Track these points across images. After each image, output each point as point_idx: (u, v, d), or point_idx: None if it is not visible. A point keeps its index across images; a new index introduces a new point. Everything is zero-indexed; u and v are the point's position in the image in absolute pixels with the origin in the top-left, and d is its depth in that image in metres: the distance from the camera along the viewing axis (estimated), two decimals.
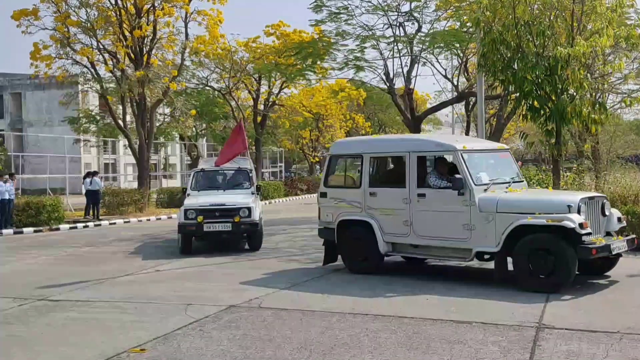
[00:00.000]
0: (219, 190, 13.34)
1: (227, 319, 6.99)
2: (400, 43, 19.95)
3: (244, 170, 13.86)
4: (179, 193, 25.60)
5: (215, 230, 12.18)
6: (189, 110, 28.32)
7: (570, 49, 10.96)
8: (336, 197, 9.89)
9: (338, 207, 9.81)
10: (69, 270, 10.97)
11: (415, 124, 20.70)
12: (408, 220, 8.98)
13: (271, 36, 29.61)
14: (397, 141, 10.43)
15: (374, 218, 9.35)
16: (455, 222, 8.53)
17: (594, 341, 5.75)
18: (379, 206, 9.32)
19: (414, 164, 9.06)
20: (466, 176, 8.52)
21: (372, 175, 9.62)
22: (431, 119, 51.11)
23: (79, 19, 22.33)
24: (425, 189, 8.93)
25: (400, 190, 9.13)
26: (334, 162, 10.36)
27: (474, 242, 8.39)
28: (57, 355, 5.91)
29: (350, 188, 10.01)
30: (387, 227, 9.23)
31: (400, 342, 5.91)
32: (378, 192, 9.40)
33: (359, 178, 9.78)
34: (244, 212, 12.22)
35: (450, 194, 8.61)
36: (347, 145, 11.07)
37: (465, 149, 8.89)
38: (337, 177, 10.57)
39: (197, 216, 12.10)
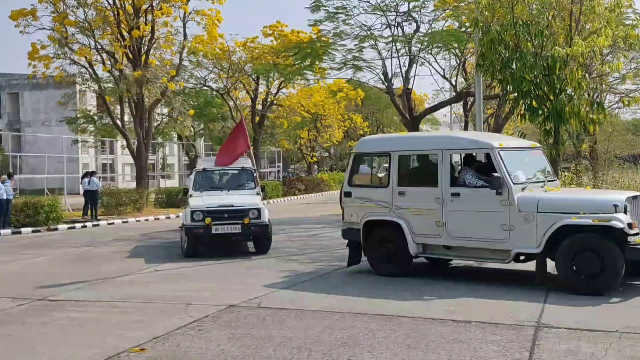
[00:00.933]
0: (223, 190, 12.91)
1: (226, 319, 6.99)
2: (398, 43, 19.99)
3: (248, 170, 13.41)
4: (177, 193, 25.62)
5: (225, 232, 11.70)
6: (187, 110, 28.29)
7: (568, 49, 11.00)
8: (362, 197, 9.57)
9: (364, 207, 9.50)
10: (67, 270, 10.97)
11: (413, 123, 20.73)
12: (440, 221, 8.69)
13: (269, 36, 29.63)
14: (428, 138, 10.08)
15: (403, 218, 9.04)
16: (492, 223, 8.25)
17: (593, 340, 5.77)
18: (409, 206, 9.01)
19: (447, 162, 8.76)
20: (504, 175, 8.21)
21: (401, 174, 9.29)
22: (429, 119, 51.14)
23: (77, 19, 22.30)
24: (460, 188, 8.63)
25: (432, 189, 8.83)
26: (358, 161, 10.03)
27: (512, 243, 8.11)
28: (56, 355, 5.91)
29: (377, 187, 9.66)
30: (417, 227, 8.94)
31: (399, 341, 5.92)
32: (407, 192, 9.09)
33: (386, 177, 9.51)
34: (253, 213, 11.78)
35: (487, 194, 8.31)
36: (373, 143, 10.66)
37: (502, 146, 8.59)
38: (362, 175, 10.25)
39: (204, 218, 11.60)
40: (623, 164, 21.58)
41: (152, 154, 36.94)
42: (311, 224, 18.57)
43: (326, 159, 65.19)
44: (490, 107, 28.84)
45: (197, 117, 34.58)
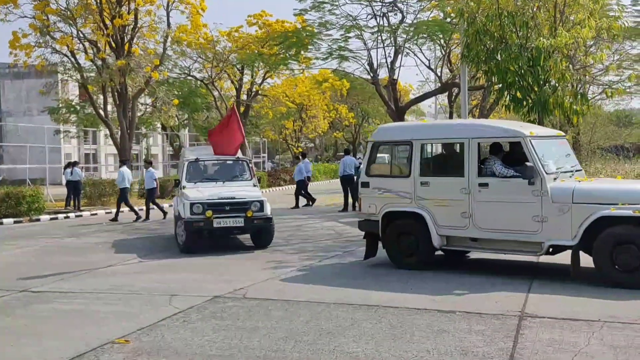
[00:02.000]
0: (217, 182, 12.23)
1: (211, 310, 6.97)
2: (384, 33, 19.96)
3: (243, 160, 12.79)
4: (162, 183, 25.44)
5: (227, 226, 11.14)
6: (171, 100, 28.04)
7: (552, 40, 11.05)
8: (381, 187, 9.21)
9: (383, 198, 9.15)
10: (51, 261, 10.86)
11: (398, 114, 20.75)
12: (467, 212, 8.38)
13: (254, 26, 29.45)
14: (454, 126, 9.60)
15: (426, 210, 8.72)
16: (523, 214, 7.97)
17: (576, 329, 5.83)
18: (432, 197, 8.70)
19: (475, 151, 8.44)
20: (537, 164, 7.93)
21: (424, 164, 9.00)
22: (414, 110, 51.25)
23: (59, 7, 21.95)
24: (489, 178, 8.33)
25: (457, 179, 8.53)
26: (376, 150, 9.61)
27: (545, 235, 7.85)
28: (40, 346, 5.85)
29: (397, 177, 9.27)
30: (441, 219, 8.62)
31: (385, 331, 5.94)
32: (431, 182, 8.77)
33: (407, 166, 9.13)
34: (255, 205, 11.25)
35: (518, 184, 8.04)
36: (392, 131, 10.15)
37: (533, 134, 8.29)
38: (381, 165, 9.89)
39: (205, 211, 11.00)
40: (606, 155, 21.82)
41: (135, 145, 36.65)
42: (296, 214, 18.56)
43: (311, 150, 65.17)
44: (475, 98, 28.98)
45: (182, 107, 34.31)
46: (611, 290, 7.35)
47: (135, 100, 24.61)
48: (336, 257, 10.43)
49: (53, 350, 5.70)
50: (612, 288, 7.44)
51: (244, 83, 33.61)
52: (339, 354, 5.33)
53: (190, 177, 12.24)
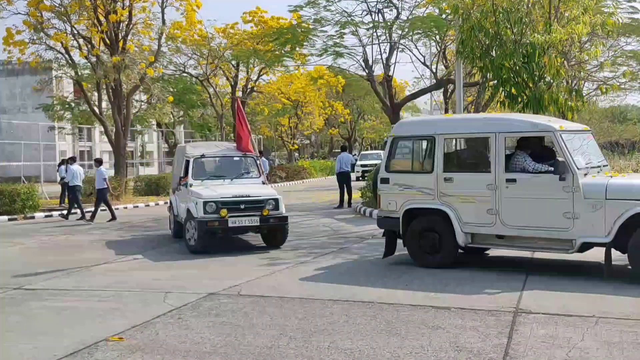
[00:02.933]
0: (225, 179, 11.70)
1: (206, 307, 6.96)
2: (379, 29, 19.93)
3: (250, 157, 12.25)
4: (157, 180, 25.41)
5: (242, 225, 10.67)
6: (166, 97, 27.99)
7: (547, 37, 11.04)
8: (401, 184, 8.96)
9: (404, 195, 8.90)
10: (45, 258, 10.83)
11: (394, 111, 20.74)
12: (493, 209, 8.15)
13: (249, 23, 29.41)
14: (480, 121, 9.27)
15: (450, 206, 8.50)
16: (554, 210, 7.74)
17: (570, 325, 5.84)
18: (457, 193, 8.47)
19: (502, 146, 8.21)
20: (568, 159, 7.72)
21: (448, 159, 8.77)
22: (410, 106, 51.29)
23: (53, 4, 21.87)
24: (517, 173, 8.11)
25: (483, 175, 8.34)
26: (397, 145, 9.32)
27: (577, 232, 7.65)
28: (34, 344, 5.83)
29: (419, 173, 9.04)
30: (466, 216, 8.40)
31: (380, 328, 5.94)
32: (455, 178, 8.54)
33: (430, 162, 8.88)
34: (270, 204, 10.84)
35: (548, 179, 7.83)
36: (414, 125, 9.91)
37: (563, 129, 8.08)
38: (402, 161, 9.66)
39: (219, 210, 10.51)
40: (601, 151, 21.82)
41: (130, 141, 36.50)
42: (292, 211, 18.52)
43: (307, 147, 65.16)
44: (470, 95, 28.97)
45: (177, 104, 34.29)
46: (605, 285, 7.37)
47: (130, 97, 24.55)
48: (331, 254, 10.43)
49: (46, 348, 5.67)
50: (605, 283, 7.46)
51: (239, 80, 33.58)
52: (334, 350, 5.33)
53: (197, 174, 11.66)
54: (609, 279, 7.70)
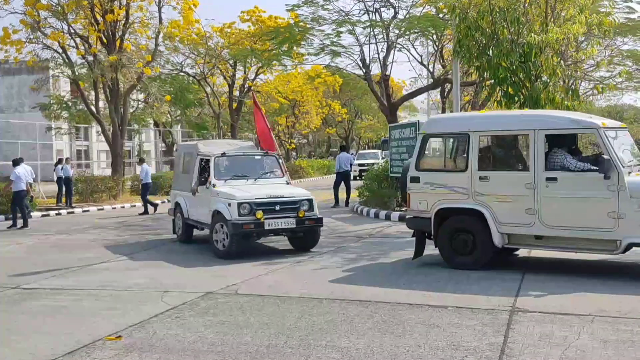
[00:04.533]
0: (248, 179, 11.05)
1: (204, 306, 6.97)
2: (376, 28, 19.94)
3: (272, 155, 11.66)
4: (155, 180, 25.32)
5: (278, 227, 10.15)
6: (163, 96, 27.95)
7: (543, 36, 11.07)
8: (433, 182, 8.72)
9: (436, 194, 8.67)
10: (42, 258, 10.82)
11: (391, 110, 20.76)
12: (532, 208, 7.92)
13: (246, 22, 29.39)
14: (518, 117, 8.86)
15: (485, 206, 8.25)
16: (597, 210, 7.52)
17: (567, 324, 5.86)
18: (493, 192, 8.23)
19: (541, 144, 7.97)
20: (613, 157, 7.50)
21: (483, 157, 8.54)
22: (407, 106, 51.32)
23: (50, 3, 21.84)
24: (557, 172, 7.87)
25: (521, 174, 8.17)
26: (427, 142, 9.09)
27: (623, 232, 7.40)
28: (31, 343, 5.83)
29: (452, 172, 8.81)
30: (502, 216, 8.14)
31: (377, 326, 5.96)
32: (491, 177, 8.30)
33: (463, 160, 8.65)
34: (304, 204, 10.35)
35: (592, 178, 7.62)
36: (446, 122, 9.60)
37: (605, 126, 7.83)
38: (433, 159, 9.45)
39: (253, 211, 9.93)
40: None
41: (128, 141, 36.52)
42: None
43: (304, 146, 65.16)
44: (467, 94, 29.02)
45: (174, 103, 34.24)
46: (601, 284, 7.41)
47: (127, 96, 24.52)
48: (329, 253, 10.44)
49: (44, 347, 5.68)
50: (601, 282, 7.49)
51: (236, 79, 33.54)
52: (331, 349, 5.35)
53: (218, 174, 10.95)
54: (606, 279, 7.74)
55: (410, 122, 17.25)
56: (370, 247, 11.03)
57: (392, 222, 14.59)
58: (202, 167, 11.37)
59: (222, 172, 11.05)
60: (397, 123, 19.18)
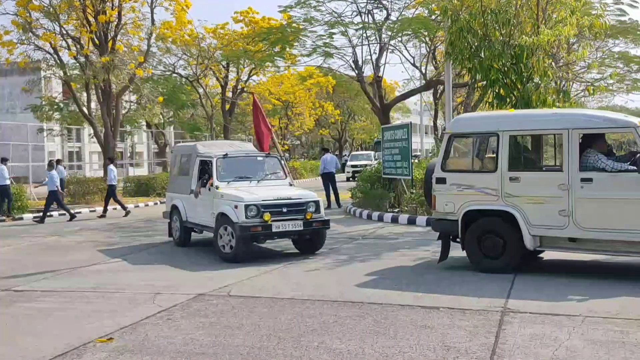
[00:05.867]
0: (251, 181, 10.93)
1: (195, 308, 6.96)
2: (368, 30, 19.96)
3: (274, 157, 11.61)
4: (146, 181, 25.31)
5: (286, 230, 9.96)
6: (155, 97, 27.92)
7: (535, 38, 11.12)
8: (460, 184, 8.48)
9: (463, 195, 8.43)
10: (33, 260, 10.77)
11: (383, 111, 20.79)
12: (566, 210, 7.69)
13: (239, 23, 29.41)
14: (550, 116, 8.62)
15: (516, 207, 8.02)
16: (636, 211, 7.33)
17: (557, 324, 5.89)
18: (524, 193, 8.00)
19: (576, 144, 7.74)
20: None
21: (513, 157, 8.27)
22: (400, 107, 51.46)
23: (42, 4, 21.78)
24: (593, 172, 7.64)
25: (555, 174, 8.02)
26: (454, 142, 8.88)
27: None
28: (21, 346, 5.80)
29: (480, 172, 8.60)
30: (534, 218, 7.92)
31: (369, 328, 5.97)
32: (522, 177, 8.08)
33: (492, 160, 8.46)
34: (311, 206, 10.16)
35: (630, 179, 7.42)
36: (474, 121, 9.29)
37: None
38: (460, 159, 9.24)
39: (261, 214, 9.74)
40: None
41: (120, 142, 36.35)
42: None
43: (297, 147, 65.16)
44: (459, 95, 29.12)
45: (166, 105, 34.17)
46: (591, 285, 7.44)
47: (120, 97, 24.47)
48: (321, 254, 10.44)
49: (34, 350, 5.65)
50: (592, 283, 7.53)
51: (229, 80, 33.52)
52: (323, 350, 5.35)
53: (221, 176, 10.76)
54: (595, 279, 7.78)
55: (403, 124, 17.29)
56: (363, 248, 11.04)
57: (384, 224, 14.62)
58: (202, 169, 11.22)
59: (224, 173, 10.86)
60: (389, 124, 19.21)
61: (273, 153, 11.77)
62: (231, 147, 12.13)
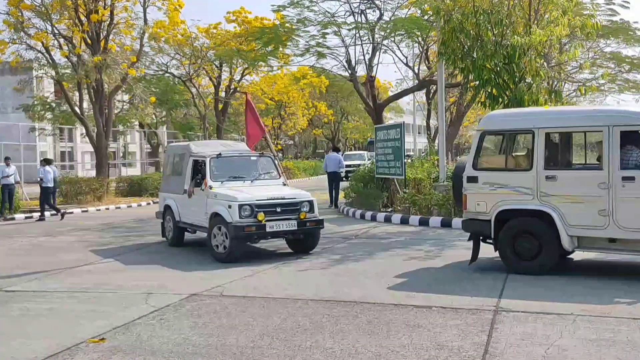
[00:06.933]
0: (245, 180, 10.90)
1: (188, 308, 6.94)
2: (361, 30, 19.98)
3: (267, 156, 11.58)
4: (139, 181, 25.25)
5: (280, 230, 9.93)
6: (148, 97, 27.84)
7: (527, 38, 11.18)
8: (493, 183, 8.27)
9: (496, 195, 8.22)
10: (25, 260, 10.72)
11: (376, 111, 20.81)
12: (606, 210, 7.51)
13: (232, 22, 29.35)
14: (589, 113, 8.36)
15: (552, 207, 7.81)
16: None
17: (549, 323, 5.92)
18: (561, 192, 7.80)
19: (617, 141, 7.52)
20: None
21: (550, 155, 8.10)
22: (393, 107, 51.53)
23: (33, 3, 21.69)
24: (635, 170, 7.45)
25: (594, 173, 7.76)
26: (485, 140, 8.64)
27: None
28: (13, 346, 5.77)
29: (514, 171, 8.39)
30: (572, 218, 7.72)
31: (362, 327, 5.97)
32: (559, 176, 7.89)
33: (527, 158, 8.30)
34: (305, 206, 10.16)
35: None
36: (507, 118, 8.95)
37: None
38: (493, 157, 9.01)
39: (255, 214, 9.73)
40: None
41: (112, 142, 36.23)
42: None
43: (291, 147, 65.14)
44: (452, 95, 29.20)
45: (159, 105, 34.10)
46: (583, 284, 7.48)
47: (112, 97, 24.40)
48: (314, 254, 10.44)
49: (25, 350, 5.62)
50: (584, 283, 7.56)
51: (222, 80, 33.46)
52: (316, 350, 5.35)
53: (214, 176, 10.73)
54: (587, 279, 7.81)
55: (396, 124, 17.32)
56: (356, 248, 11.05)
57: (377, 223, 14.64)
58: (195, 169, 11.19)
59: (218, 173, 10.81)
60: (382, 124, 19.24)
61: (267, 153, 11.73)
62: (225, 147, 12.09)
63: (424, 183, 15.20)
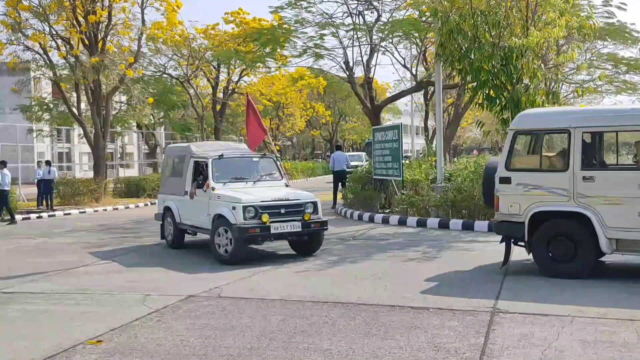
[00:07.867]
0: (247, 182, 10.83)
1: (186, 309, 6.94)
2: (359, 31, 20.01)
3: (270, 157, 11.57)
4: (136, 182, 25.23)
5: (284, 231, 9.82)
6: (146, 98, 27.80)
7: (524, 40, 11.20)
8: (527, 184, 8.04)
9: (530, 196, 8.00)
10: (22, 261, 10.71)
11: (374, 112, 20.84)
12: None
13: (230, 23, 29.32)
14: (628, 112, 8.01)
15: (590, 209, 7.59)
16: None
17: (546, 324, 5.93)
18: (599, 194, 7.57)
19: None
20: None
21: (587, 155, 7.88)
22: (390, 108, 51.57)
23: (31, 4, 21.65)
24: None
25: (634, 173, 7.58)
26: (519, 140, 8.45)
27: None
28: (10, 348, 5.77)
29: (549, 172, 8.15)
30: (610, 219, 7.50)
31: (359, 328, 5.98)
32: (597, 177, 7.65)
33: (563, 158, 8.08)
34: (309, 207, 10.09)
35: None
36: (541, 118, 8.67)
37: None
38: (526, 158, 8.78)
39: (259, 215, 9.64)
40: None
41: (110, 143, 36.26)
42: None
43: (289, 148, 65.14)
44: (450, 97, 29.23)
45: (157, 105, 34.05)
46: (580, 286, 7.49)
47: (110, 98, 24.36)
48: (312, 256, 10.44)
49: (23, 352, 5.62)
50: (581, 285, 7.57)
51: (220, 81, 33.44)
52: (313, 351, 5.35)
53: (217, 177, 10.64)
54: (584, 280, 7.82)
55: (394, 125, 17.33)
56: (353, 249, 11.06)
57: (375, 224, 14.64)
58: (196, 170, 11.11)
59: (220, 174, 10.71)
60: (380, 125, 19.25)
61: (269, 154, 11.68)
62: (225, 148, 12.03)
63: (421, 184, 15.20)
